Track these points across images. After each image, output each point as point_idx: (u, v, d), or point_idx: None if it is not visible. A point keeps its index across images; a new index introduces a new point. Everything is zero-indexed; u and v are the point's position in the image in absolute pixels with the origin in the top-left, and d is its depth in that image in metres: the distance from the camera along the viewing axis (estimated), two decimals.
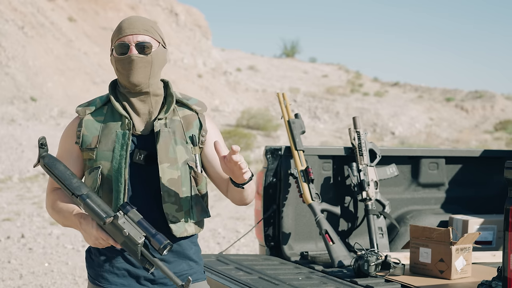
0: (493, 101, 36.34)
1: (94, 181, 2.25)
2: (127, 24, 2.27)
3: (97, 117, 2.30)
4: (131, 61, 2.23)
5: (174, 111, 2.34)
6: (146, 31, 2.26)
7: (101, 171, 2.25)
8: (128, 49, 2.24)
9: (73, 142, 2.30)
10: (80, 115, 2.30)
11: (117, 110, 2.28)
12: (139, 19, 2.30)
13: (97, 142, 2.27)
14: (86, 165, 2.30)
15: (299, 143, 3.87)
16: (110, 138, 2.26)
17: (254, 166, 16.64)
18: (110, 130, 2.27)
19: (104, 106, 2.32)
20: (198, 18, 37.20)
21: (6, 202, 11.16)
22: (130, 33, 2.24)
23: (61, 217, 2.27)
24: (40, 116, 20.95)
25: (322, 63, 48.74)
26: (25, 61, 23.51)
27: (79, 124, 2.30)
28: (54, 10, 29.17)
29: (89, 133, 2.28)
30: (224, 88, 32.65)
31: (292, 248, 3.93)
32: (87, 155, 2.28)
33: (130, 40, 2.24)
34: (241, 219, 10.13)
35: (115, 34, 2.29)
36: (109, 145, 2.26)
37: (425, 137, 29.93)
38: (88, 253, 2.39)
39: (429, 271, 3.32)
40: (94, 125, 2.29)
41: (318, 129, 30.36)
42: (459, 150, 4.57)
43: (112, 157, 2.25)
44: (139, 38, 2.25)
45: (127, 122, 2.27)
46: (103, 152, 2.26)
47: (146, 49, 2.25)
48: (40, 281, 6.48)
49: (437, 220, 4.17)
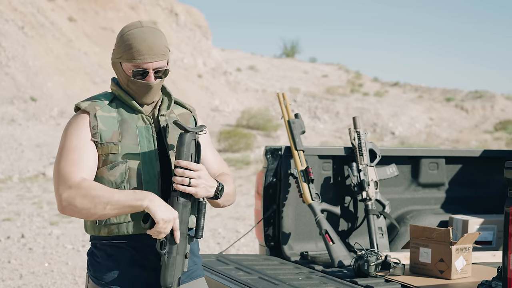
0: (493, 101, 36.33)
1: (121, 174, 2.26)
2: (146, 48, 2.26)
3: (109, 113, 2.31)
4: (150, 87, 2.31)
5: (171, 109, 2.42)
6: (163, 55, 2.31)
7: (128, 164, 2.27)
8: (147, 75, 2.30)
9: (87, 137, 2.26)
10: (90, 111, 2.29)
11: (133, 107, 2.33)
12: (156, 40, 2.29)
13: (120, 136, 2.28)
14: (106, 160, 2.27)
15: (299, 143, 3.87)
16: (132, 132, 2.30)
17: (254, 166, 16.65)
18: (129, 125, 2.30)
19: (112, 103, 2.35)
20: (198, 18, 37.20)
21: (6, 202, 11.16)
22: (150, 60, 2.27)
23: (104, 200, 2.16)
24: (40, 116, 20.96)
25: (322, 63, 48.72)
26: (25, 61, 23.51)
27: (92, 119, 2.28)
28: (54, 10, 29.17)
29: (107, 128, 2.28)
30: (224, 88, 32.65)
31: (292, 248, 3.94)
32: (107, 149, 2.27)
33: (149, 66, 2.28)
34: (241, 219, 10.13)
35: (131, 53, 2.27)
36: (133, 139, 2.29)
37: (425, 137, 29.93)
38: (91, 256, 2.36)
39: (429, 271, 3.32)
40: (110, 120, 2.30)
41: (318, 129, 30.36)
42: (459, 150, 4.57)
43: (139, 151, 2.28)
44: (158, 65, 2.30)
45: (146, 117, 2.33)
46: (129, 146, 2.28)
47: (162, 73, 2.32)
48: (40, 281, 6.48)
49: (437, 220, 4.17)
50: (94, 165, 2.26)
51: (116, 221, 2.26)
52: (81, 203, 2.17)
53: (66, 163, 2.22)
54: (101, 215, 2.19)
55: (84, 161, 2.23)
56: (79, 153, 2.24)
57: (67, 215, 2.24)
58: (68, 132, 2.28)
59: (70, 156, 2.23)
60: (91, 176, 2.25)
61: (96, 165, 2.27)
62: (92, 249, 2.36)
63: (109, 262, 2.30)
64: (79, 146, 2.25)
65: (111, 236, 2.28)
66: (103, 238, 2.31)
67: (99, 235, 2.30)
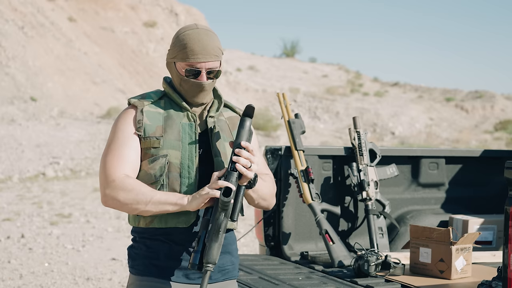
0: (493, 101, 36.34)
1: (161, 168, 2.31)
2: (200, 48, 2.33)
3: (156, 108, 2.38)
4: (202, 87, 2.36)
5: (220, 112, 2.48)
6: (216, 56, 2.36)
7: (169, 159, 2.31)
8: (200, 74, 2.35)
9: (132, 131, 2.34)
10: (138, 106, 2.36)
11: (180, 104, 2.39)
12: (210, 41, 2.35)
13: (163, 131, 2.34)
14: (148, 154, 2.34)
15: (299, 143, 3.87)
16: (176, 128, 2.35)
17: None
18: (173, 121, 2.36)
19: (160, 100, 2.41)
20: (198, 18, 37.20)
21: (6, 202, 11.16)
22: (204, 60, 2.33)
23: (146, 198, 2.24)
24: (40, 116, 20.95)
25: (322, 63, 48.74)
26: (25, 61, 23.51)
27: (139, 114, 2.35)
28: (54, 10, 29.17)
29: (152, 123, 2.35)
30: (224, 88, 32.65)
31: (292, 248, 3.94)
32: (149, 143, 2.33)
33: (202, 66, 2.35)
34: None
35: (185, 52, 2.33)
36: (176, 135, 2.34)
37: (425, 137, 29.94)
38: (131, 248, 2.42)
39: (429, 271, 3.32)
40: (155, 116, 2.37)
41: (318, 129, 30.37)
42: (459, 150, 4.57)
43: (181, 146, 2.33)
44: (211, 65, 2.36)
45: (191, 115, 2.38)
46: (171, 141, 2.33)
47: (214, 74, 2.37)
48: (40, 281, 6.48)
49: (437, 220, 4.17)
50: (137, 160, 2.34)
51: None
52: (124, 197, 2.26)
53: (112, 158, 2.31)
54: (143, 211, 2.27)
55: (129, 156, 2.32)
56: (124, 148, 2.32)
57: (111, 207, 2.33)
58: (116, 126, 2.37)
59: (116, 151, 2.32)
60: (135, 170, 2.33)
61: (139, 159, 2.35)
62: (132, 243, 2.43)
63: (148, 254, 2.35)
64: (124, 141, 2.33)
65: (150, 228, 2.33)
66: (143, 231, 2.36)
67: (138, 226, 2.36)
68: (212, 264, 2.20)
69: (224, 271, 2.40)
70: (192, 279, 2.34)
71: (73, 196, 11.97)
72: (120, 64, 29.23)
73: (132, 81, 27.70)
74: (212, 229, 2.23)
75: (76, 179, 14.13)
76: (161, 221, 2.32)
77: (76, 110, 22.49)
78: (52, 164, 15.38)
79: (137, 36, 31.69)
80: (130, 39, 31.46)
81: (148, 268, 2.34)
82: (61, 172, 14.89)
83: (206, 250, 2.21)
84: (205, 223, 2.25)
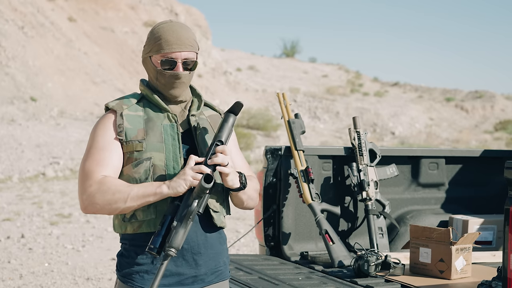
0: (493, 101, 36.36)
1: (146, 171, 2.28)
2: (174, 38, 2.31)
3: (136, 111, 2.35)
4: (178, 78, 2.33)
5: (201, 111, 2.45)
6: (191, 46, 2.34)
7: (153, 161, 2.28)
8: (176, 65, 2.32)
9: (113, 136, 2.31)
10: (117, 110, 2.33)
11: (159, 105, 2.35)
12: (184, 32, 2.33)
13: (145, 134, 2.31)
14: (131, 158, 2.30)
15: (299, 143, 3.87)
16: (157, 130, 2.32)
17: (254, 166, 16.65)
18: (154, 123, 2.33)
19: (139, 102, 2.38)
20: (198, 18, 37.21)
21: (6, 202, 11.16)
22: (178, 50, 2.31)
23: (124, 195, 2.22)
24: (40, 116, 20.95)
25: (322, 63, 48.76)
26: (25, 61, 23.51)
27: (119, 118, 2.32)
28: (54, 10, 29.17)
29: (133, 126, 2.32)
30: (224, 88, 32.65)
31: (292, 248, 3.93)
32: (132, 147, 2.30)
33: (177, 56, 2.32)
34: (241, 219, 10.13)
35: (159, 44, 2.31)
36: (158, 137, 2.31)
37: (425, 137, 29.95)
38: (120, 257, 2.37)
39: (429, 271, 3.32)
40: (136, 119, 2.33)
41: (318, 129, 30.37)
42: (459, 150, 4.57)
43: (164, 148, 2.30)
44: (186, 55, 2.33)
45: (171, 115, 2.35)
46: (154, 144, 2.30)
47: (191, 66, 2.35)
48: (40, 281, 6.48)
49: (437, 220, 4.17)
50: (119, 164, 2.30)
51: (141, 218, 2.28)
52: (102, 199, 2.22)
53: (91, 162, 2.27)
54: (124, 208, 2.23)
55: (109, 160, 2.28)
56: (104, 152, 2.28)
57: (91, 213, 2.28)
58: (95, 132, 2.33)
59: (95, 156, 2.28)
60: (116, 174, 2.29)
61: (121, 163, 2.31)
62: (121, 250, 2.38)
63: (137, 262, 2.31)
64: (105, 145, 2.29)
65: (138, 233, 2.29)
66: (132, 237, 2.32)
67: (126, 233, 2.32)
68: (175, 249, 2.16)
69: (217, 272, 2.39)
70: (186, 284, 2.32)
71: (73, 196, 11.97)
72: (120, 64, 29.23)
73: (132, 81, 27.70)
74: (183, 215, 2.19)
75: (76, 179, 14.13)
76: (149, 225, 2.27)
77: (76, 110, 22.50)
78: (52, 164, 15.38)
79: (137, 36, 31.69)
80: (130, 39, 31.47)
81: (138, 278, 2.29)
82: (61, 172, 14.89)
83: (172, 234, 2.17)
84: (174, 208, 2.22)
